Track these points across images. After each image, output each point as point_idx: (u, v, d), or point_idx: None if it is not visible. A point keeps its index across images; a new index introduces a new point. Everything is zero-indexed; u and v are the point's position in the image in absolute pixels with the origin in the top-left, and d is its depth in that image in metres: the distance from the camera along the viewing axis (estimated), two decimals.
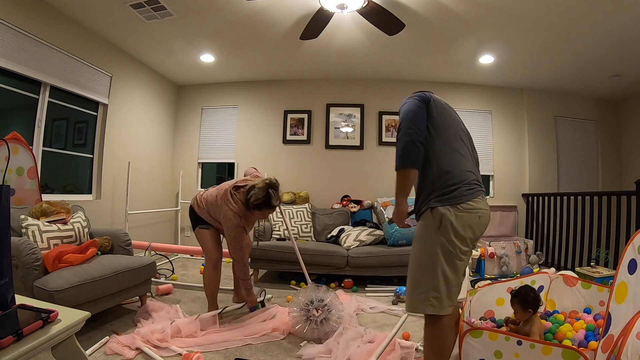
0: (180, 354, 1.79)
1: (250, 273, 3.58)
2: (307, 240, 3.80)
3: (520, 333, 1.75)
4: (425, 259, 1.38)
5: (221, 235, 2.50)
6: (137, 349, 1.84)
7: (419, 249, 1.43)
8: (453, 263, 1.37)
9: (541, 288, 2.26)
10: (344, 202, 4.39)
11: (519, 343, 1.39)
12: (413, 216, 1.51)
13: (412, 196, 1.42)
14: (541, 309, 2.20)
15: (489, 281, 2.97)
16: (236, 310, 2.50)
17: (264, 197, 2.19)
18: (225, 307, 2.41)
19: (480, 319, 2.05)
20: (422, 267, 1.39)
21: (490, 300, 2.14)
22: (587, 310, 2.05)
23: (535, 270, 3.58)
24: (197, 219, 2.44)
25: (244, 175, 2.61)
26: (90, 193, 3.69)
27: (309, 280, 2.80)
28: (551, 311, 2.17)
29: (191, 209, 2.47)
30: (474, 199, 1.40)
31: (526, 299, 1.73)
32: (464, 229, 1.36)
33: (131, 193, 3.81)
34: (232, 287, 3.02)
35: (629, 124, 4.88)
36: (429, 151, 1.40)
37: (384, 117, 4.73)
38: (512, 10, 2.91)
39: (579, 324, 1.89)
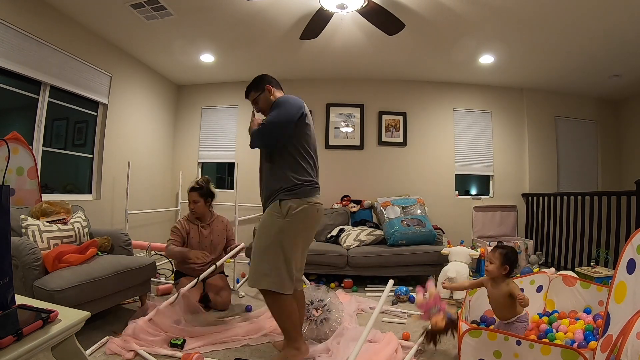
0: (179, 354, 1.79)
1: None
2: None
3: (493, 294, 1.78)
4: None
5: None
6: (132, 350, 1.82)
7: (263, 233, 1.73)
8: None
9: (540, 288, 2.27)
10: (344, 202, 4.39)
11: (518, 343, 1.40)
12: None
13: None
14: (540, 309, 2.21)
15: None
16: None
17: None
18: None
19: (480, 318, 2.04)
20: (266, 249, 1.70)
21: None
22: (587, 310, 2.05)
23: (535, 270, 3.58)
24: None
25: None
26: (90, 193, 3.69)
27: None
28: (550, 311, 2.17)
29: None
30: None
31: (508, 255, 1.79)
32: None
33: (131, 193, 3.81)
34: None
35: (629, 124, 4.88)
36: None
37: (384, 117, 4.73)
38: (512, 11, 2.91)
39: (578, 324, 1.89)
